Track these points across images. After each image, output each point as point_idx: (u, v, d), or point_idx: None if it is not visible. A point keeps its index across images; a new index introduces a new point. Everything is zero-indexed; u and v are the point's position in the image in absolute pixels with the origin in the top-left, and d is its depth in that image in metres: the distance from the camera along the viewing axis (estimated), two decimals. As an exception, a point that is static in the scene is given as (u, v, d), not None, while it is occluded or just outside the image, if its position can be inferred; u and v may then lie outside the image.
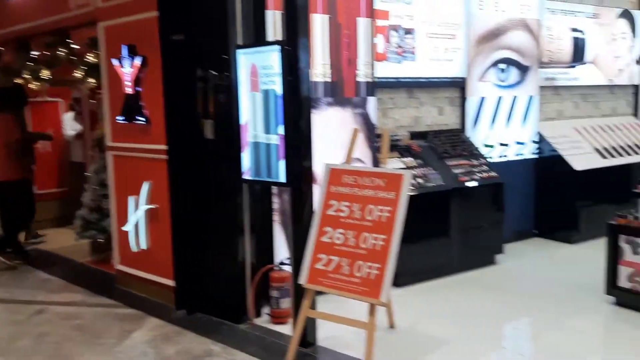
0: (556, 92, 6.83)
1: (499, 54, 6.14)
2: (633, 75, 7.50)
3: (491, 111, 6.18)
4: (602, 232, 6.54)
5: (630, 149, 6.97)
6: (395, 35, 5.38)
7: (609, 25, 7.14)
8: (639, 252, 4.31)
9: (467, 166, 5.56)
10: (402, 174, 3.55)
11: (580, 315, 4.42)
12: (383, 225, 3.52)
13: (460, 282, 5.20)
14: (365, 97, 4.98)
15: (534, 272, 5.46)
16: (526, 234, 6.55)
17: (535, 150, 6.56)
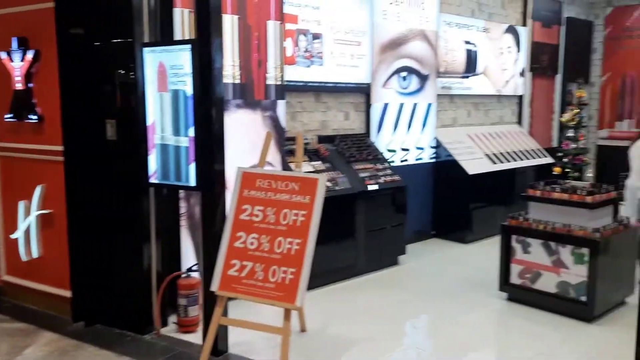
0: (451, 100, 7.22)
1: (401, 63, 6.37)
2: (517, 86, 8.10)
3: (394, 117, 6.40)
4: (493, 232, 7.03)
5: (516, 155, 7.52)
6: (304, 39, 5.41)
7: (497, 40, 7.66)
8: (528, 250, 4.65)
9: (372, 170, 5.70)
10: (317, 178, 3.57)
11: (476, 310, 4.70)
12: (298, 229, 3.52)
13: (367, 283, 5.33)
14: (275, 100, 4.96)
15: (433, 271, 5.72)
16: (425, 234, 6.85)
17: (433, 155, 6.89)
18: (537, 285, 4.61)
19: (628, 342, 4.04)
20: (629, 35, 9.04)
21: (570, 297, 4.43)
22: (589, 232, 4.33)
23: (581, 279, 4.35)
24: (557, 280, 4.49)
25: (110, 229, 4.20)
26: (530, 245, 4.64)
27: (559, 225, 4.48)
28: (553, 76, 8.80)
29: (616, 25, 9.17)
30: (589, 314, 4.34)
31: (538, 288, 4.61)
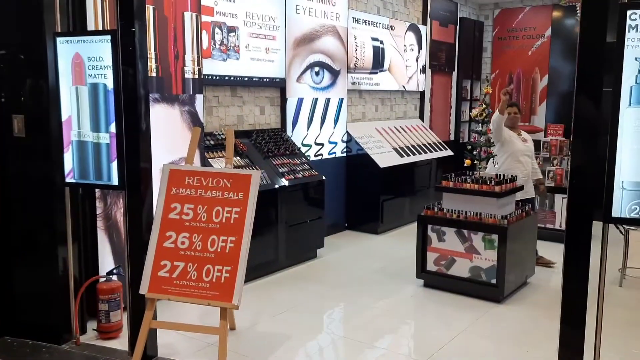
0: (361, 95, 7.41)
1: (314, 58, 6.44)
2: (419, 82, 8.49)
3: (308, 112, 6.46)
4: (401, 222, 7.35)
5: (420, 148, 7.89)
6: (220, 32, 5.31)
7: (401, 37, 7.97)
8: (443, 239, 4.92)
9: (290, 165, 5.73)
10: (250, 174, 3.53)
11: (395, 297, 4.89)
12: (232, 226, 3.47)
13: (288, 278, 5.35)
14: (193, 94, 4.83)
15: (351, 262, 5.87)
16: (339, 227, 7.00)
17: (344, 149, 7.04)
18: (452, 271, 4.89)
19: (534, 319, 4.43)
20: (514, 35, 9.78)
21: (482, 281, 4.74)
22: (498, 220, 4.66)
23: (491, 263, 4.68)
24: (469, 265, 4.79)
25: (20, 233, 3.88)
26: (445, 233, 4.90)
27: (471, 214, 4.78)
28: (450, 73, 9.32)
29: (503, 26, 9.88)
30: (499, 295, 4.68)
31: (452, 274, 4.89)
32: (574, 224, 2.61)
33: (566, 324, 2.74)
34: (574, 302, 2.68)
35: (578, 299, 2.66)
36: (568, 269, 2.68)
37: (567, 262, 2.67)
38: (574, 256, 2.64)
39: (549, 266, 5.65)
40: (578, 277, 2.65)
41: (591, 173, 2.54)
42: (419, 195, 7.67)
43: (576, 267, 2.64)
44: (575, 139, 2.56)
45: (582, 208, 2.57)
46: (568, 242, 2.64)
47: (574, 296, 2.68)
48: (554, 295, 4.93)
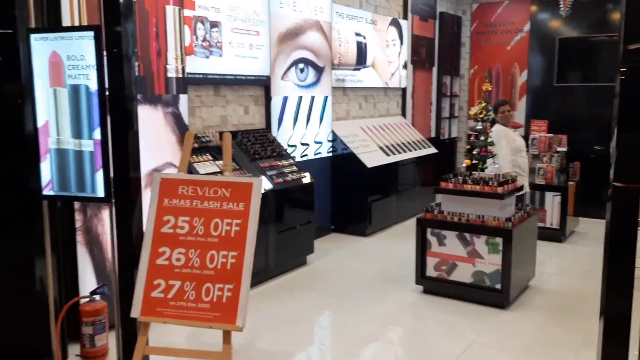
0: (345, 93, 7.16)
1: (298, 54, 6.15)
2: (402, 78, 8.29)
3: (293, 111, 6.17)
4: (389, 222, 7.15)
5: (405, 146, 7.69)
6: (202, 28, 4.97)
7: (383, 32, 7.75)
8: (444, 243, 4.72)
9: (278, 167, 5.44)
10: (251, 182, 3.23)
11: (395, 305, 4.67)
12: (233, 240, 3.16)
13: (280, 287, 5.07)
14: (177, 94, 4.49)
15: (344, 268, 5.63)
16: (325, 230, 6.74)
17: (330, 149, 6.79)
18: (454, 277, 4.70)
19: (542, 325, 4.27)
20: (493, 30, 9.68)
21: (486, 286, 4.56)
22: (502, 222, 4.48)
23: (495, 267, 4.50)
24: (472, 270, 4.61)
25: (-9, 252, 3.49)
26: (446, 237, 4.70)
27: (473, 216, 4.59)
28: (430, 68, 9.15)
29: (481, 21, 9.77)
30: (504, 300, 4.51)
31: (454, 279, 4.70)
32: (618, 234, 2.41)
33: (609, 342, 2.54)
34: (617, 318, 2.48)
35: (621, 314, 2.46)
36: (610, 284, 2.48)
37: (610, 275, 2.47)
38: (618, 270, 2.45)
39: None
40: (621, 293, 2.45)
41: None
42: (405, 194, 7.48)
43: (620, 282, 2.45)
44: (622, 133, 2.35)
45: (628, 217, 2.37)
46: (611, 253, 2.44)
47: (617, 312, 2.47)
48: (557, 299, 4.79)
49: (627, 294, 2.45)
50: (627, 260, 2.44)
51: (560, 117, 8.50)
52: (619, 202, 2.40)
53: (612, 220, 2.43)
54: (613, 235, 2.45)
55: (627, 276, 2.46)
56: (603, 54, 8.70)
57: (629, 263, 2.45)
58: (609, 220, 2.44)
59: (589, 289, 4.99)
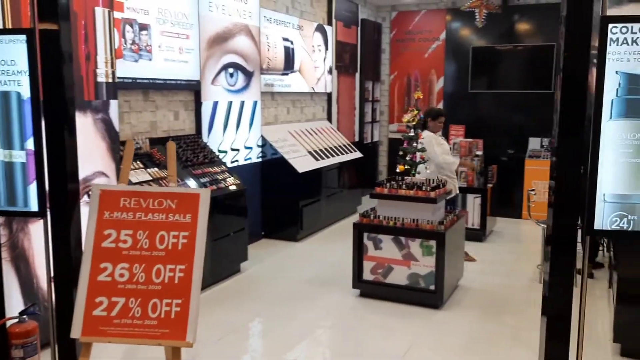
0: (273, 97, 7.14)
1: (228, 58, 6.06)
2: (327, 83, 8.38)
3: (223, 116, 6.07)
4: (319, 227, 7.21)
5: (332, 150, 7.79)
6: (131, 30, 4.77)
7: (309, 38, 7.80)
8: (380, 247, 4.83)
9: (210, 174, 5.33)
10: (198, 192, 3.14)
11: (332, 309, 4.72)
12: (180, 253, 3.06)
13: (217, 297, 4.97)
14: (107, 100, 4.28)
15: (278, 274, 5.61)
16: (256, 235, 6.68)
17: (260, 154, 6.74)
18: (390, 279, 4.82)
19: (475, 323, 4.47)
20: (411, 38, 10.03)
21: (421, 287, 4.72)
22: (435, 225, 4.65)
23: (429, 269, 4.67)
24: (408, 272, 4.75)
25: None
26: (382, 241, 4.81)
27: (408, 220, 4.73)
28: (354, 74, 9.33)
29: (400, 29, 10.09)
30: (438, 301, 4.68)
31: (390, 282, 4.82)
32: (560, 239, 2.58)
33: (551, 340, 2.71)
34: (559, 316, 2.66)
35: (563, 313, 2.64)
36: (552, 285, 2.65)
37: (552, 276, 2.64)
38: (559, 272, 2.62)
39: (470, 260, 5.82)
40: (563, 293, 2.63)
41: (576, 186, 2.53)
42: (334, 198, 7.58)
43: (560, 283, 2.62)
44: (560, 153, 2.53)
45: (568, 224, 2.55)
46: (553, 257, 2.61)
47: (558, 310, 2.65)
48: (485, 296, 5.04)
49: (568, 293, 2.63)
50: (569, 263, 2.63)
51: (475, 123, 8.96)
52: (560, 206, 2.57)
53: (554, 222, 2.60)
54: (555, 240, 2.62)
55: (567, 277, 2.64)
56: (511, 63, 9.27)
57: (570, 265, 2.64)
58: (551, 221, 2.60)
59: (512, 286, 5.29)
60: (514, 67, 9.28)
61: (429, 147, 5.51)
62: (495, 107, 9.23)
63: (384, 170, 10.41)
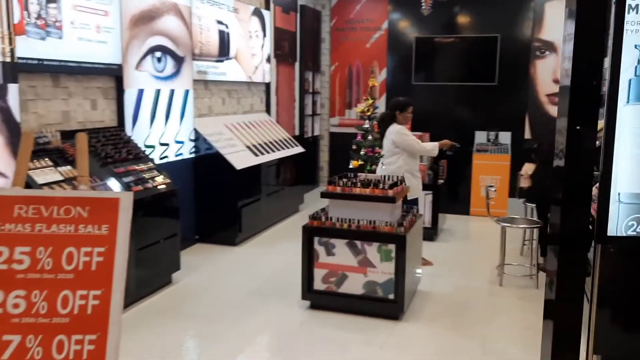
0: (207, 87, 6.46)
1: (155, 41, 5.34)
2: (265, 73, 7.76)
3: (150, 106, 5.35)
4: (260, 228, 6.62)
5: (273, 145, 7.19)
6: (35, 2, 3.99)
7: (246, 22, 7.16)
8: (332, 252, 4.30)
9: (136, 172, 4.61)
10: (117, 197, 2.47)
11: (278, 324, 4.16)
12: (95, 275, 2.39)
13: (145, 314, 4.28)
14: (4, 83, 3.50)
15: (217, 285, 4.97)
16: (189, 240, 6.00)
17: (192, 149, 6.05)
18: (344, 289, 4.30)
19: (440, 335, 4.03)
20: (352, 27, 9.56)
21: (379, 297, 4.23)
22: (394, 228, 4.17)
23: (388, 276, 4.19)
24: (364, 280, 4.25)
25: None
26: (335, 246, 4.29)
27: (364, 222, 4.23)
28: (293, 63, 8.75)
29: (341, 17, 9.60)
30: (399, 311, 4.21)
31: (345, 291, 4.30)
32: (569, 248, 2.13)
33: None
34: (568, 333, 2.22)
35: (573, 329, 2.20)
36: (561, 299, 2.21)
37: (560, 290, 2.20)
38: (569, 287, 2.18)
39: (427, 265, 5.41)
40: (573, 308, 2.19)
41: (588, 186, 2.09)
42: (275, 197, 6.99)
43: (571, 297, 2.18)
44: (570, 146, 2.07)
45: (579, 232, 2.11)
46: (561, 268, 2.17)
47: (568, 326, 2.21)
48: (446, 302, 4.63)
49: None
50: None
51: (420, 116, 8.57)
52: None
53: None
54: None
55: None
56: (455, 54, 8.99)
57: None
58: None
59: (472, 289, 4.91)
60: (458, 59, 9.00)
61: (401, 138, 5.05)
62: (440, 100, 8.92)
63: (325, 166, 9.91)
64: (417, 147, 5.14)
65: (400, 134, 5.11)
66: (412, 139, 5.13)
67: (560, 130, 2.11)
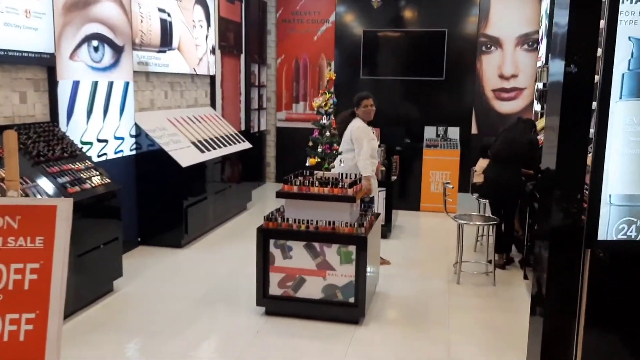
0: (148, 79, 6.04)
1: (91, 28, 4.91)
2: (210, 65, 7.40)
3: (87, 99, 4.92)
4: (207, 228, 6.30)
5: (219, 141, 6.86)
6: (-49, -21, 3.52)
7: (189, 11, 6.77)
8: (289, 255, 4.06)
9: (72, 171, 4.21)
10: (54, 204, 2.15)
11: (229, 334, 3.88)
12: (28, 295, 2.06)
13: (83, 328, 3.90)
14: None
15: (162, 292, 4.63)
16: (131, 243, 5.60)
17: (134, 146, 5.65)
18: (302, 293, 4.07)
19: (399, 339, 3.87)
20: (299, 19, 9.31)
21: (338, 301, 4.03)
22: (355, 228, 3.98)
23: (348, 279, 3.99)
24: (323, 284, 4.03)
25: None
26: (292, 249, 4.05)
27: (322, 223, 4.01)
28: (239, 55, 8.41)
29: (287, 8, 9.33)
30: (360, 315, 4.03)
31: (302, 296, 4.07)
32: (559, 253, 1.99)
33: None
34: (558, 342, 2.08)
35: (563, 339, 2.07)
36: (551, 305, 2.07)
37: (550, 296, 2.06)
38: (560, 291, 2.04)
39: (385, 264, 5.26)
40: (564, 315, 2.05)
41: (578, 188, 1.95)
42: (222, 195, 6.67)
43: (562, 304, 2.04)
44: (562, 145, 1.93)
45: (570, 235, 1.97)
46: (550, 274, 2.02)
47: (558, 336, 2.07)
48: (407, 303, 4.48)
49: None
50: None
51: (369, 110, 8.47)
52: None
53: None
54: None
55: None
56: (404, 48, 8.91)
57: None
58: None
59: (431, 289, 4.80)
60: (406, 53, 8.93)
61: (358, 142, 4.84)
62: (389, 94, 8.81)
63: (272, 162, 9.63)
64: (362, 152, 4.88)
65: (357, 135, 4.93)
66: (365, 143, 4.90)
67: (551, 127, 1.96)
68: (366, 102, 5.06)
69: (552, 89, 2.02)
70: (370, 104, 5.10)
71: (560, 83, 1.92)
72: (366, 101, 5.06)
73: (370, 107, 5.09)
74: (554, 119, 1.95)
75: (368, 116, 5.11)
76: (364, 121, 5.08)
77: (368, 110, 5.08)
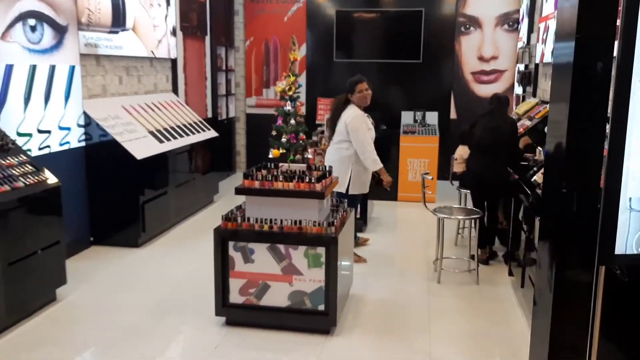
0: (99, 62, 5.50)
1: (26, 5, 4.35)
2: (170, 47, 6.86)
3: (23, 85, 4.38)
4: (166, 225, 5.82)
5: (181, 130, 6.35)
6: None
7: (145, -12, 6.22)
8: (251, 259, 3.62)
9: (3, 168, 3.69)
10: None
11: (184, 348, 3.45)
12: None
13: (19, 345, 3.43)
14: None
15: (111, 300, 4.16)
16: (82, 244, 5.11)
17: (83, 137, 5.12)
18: (265, 301, 3.64)
19: (375, 351, 3.47)
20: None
21: (307, 309, 3.61)
22: (324, 228, 3.55)
23: (318, 284, 3.57)
24: (289, 290, 3.61)
25: None
26: (254, 251, 3.61)
27: (288, 222, 3.58)
28: (203, 37, 7.87)
29: (255, -12, 8.79)
30: (331, 324, 3.61)
31: (267, 304, 3.64)
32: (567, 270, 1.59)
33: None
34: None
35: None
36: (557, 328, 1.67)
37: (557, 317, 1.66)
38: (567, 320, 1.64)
39: (360, 262, 4.86)
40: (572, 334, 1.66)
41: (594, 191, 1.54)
42: (184, 189, 6.18)
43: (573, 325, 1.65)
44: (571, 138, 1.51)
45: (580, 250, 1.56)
46: (557, 302, 1.62)
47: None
48: (383, 309, 4.07)
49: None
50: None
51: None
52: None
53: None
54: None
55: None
56: (378, 29, 8.46)
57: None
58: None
59: (409, 291, 4.40)
60: (381, 35, 8.48)
61: (355, 132, 4.45)
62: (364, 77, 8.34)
63: (242, 150, 9.14)
64: (362, 145, 4.52)
65: (355, 120, 4.55)
66: (363, 134, 4.52)
67: (556, 121, 1.55)
68: (361, 87, 4.64)
69: (559, 70, 1.60)
70: (365, 87, 4.68)
71: (570, 64, 1.51)
72: (360, 85, 4.64)
73: (366, 92, 4.69)
74: (560, 107, 1.54)
75: (364, 102, 4.70)
76: (360, 108, 4.67)
77: (364, 95, 4.67)
